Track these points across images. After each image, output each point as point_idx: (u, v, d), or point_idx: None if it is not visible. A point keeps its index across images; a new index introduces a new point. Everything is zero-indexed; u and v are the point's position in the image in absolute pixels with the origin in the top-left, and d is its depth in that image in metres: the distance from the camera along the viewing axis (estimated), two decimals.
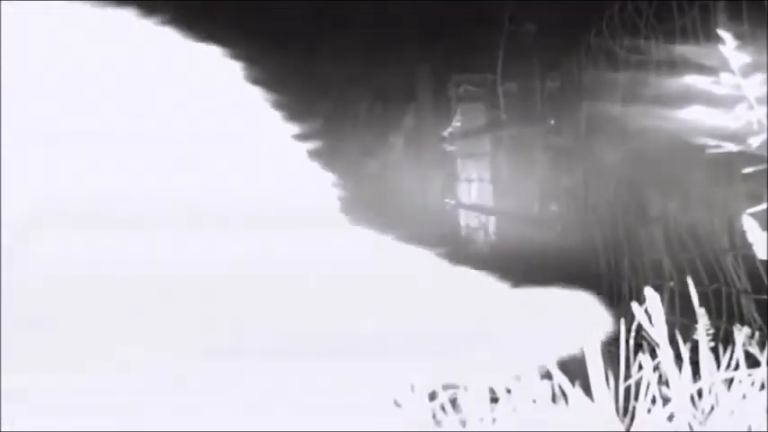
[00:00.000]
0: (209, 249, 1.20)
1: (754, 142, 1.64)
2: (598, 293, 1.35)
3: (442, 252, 1.29)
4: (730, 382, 1.40)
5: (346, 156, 3.27)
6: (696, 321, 1.49)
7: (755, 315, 1.80)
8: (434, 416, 1.37)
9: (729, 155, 1.68)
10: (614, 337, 1.46)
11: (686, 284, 1.54)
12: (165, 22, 1.21)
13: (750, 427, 1.32)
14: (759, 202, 1.55)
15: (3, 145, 1.11)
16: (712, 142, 1.69)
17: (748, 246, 1.41)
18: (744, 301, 1.84)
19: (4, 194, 1.11)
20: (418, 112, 3.58)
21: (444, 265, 1.29)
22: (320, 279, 1.25)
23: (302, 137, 1.25)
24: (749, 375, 1.39)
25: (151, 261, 1.17)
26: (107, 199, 1.13)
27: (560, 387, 1.37)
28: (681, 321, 1.78)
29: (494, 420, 1.38)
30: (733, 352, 1.44)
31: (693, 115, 1.82)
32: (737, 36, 1.61)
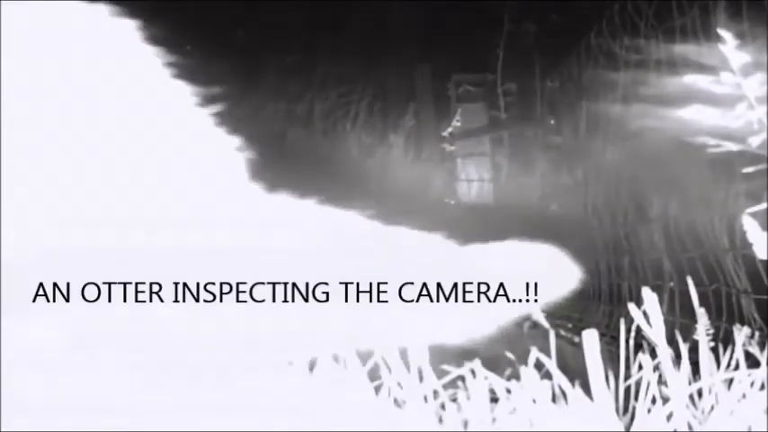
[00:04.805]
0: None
1: (755, 142, 1.64)
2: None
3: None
4: (730, 382, 1.40)
5: (346, 156, 3.27)
6: (696, 321, 1.49)
7: (755, 315, 1.80)
8: (436, 414, 1.37)
9: (729, 154, 1.68)
10: (614, 336, 1.45)
11: (686, 284, 1.54)
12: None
13: (750, 428, 1.32)
14: (759, 202, 1.55)
15: (3, 145, 1.11)
16: (712, 142, 1.69)
17: (748, 246, 1.41)
18: (744, 301, 1.83)
19: (5, 193, 1.11)
20: (418, 111, 3.58)
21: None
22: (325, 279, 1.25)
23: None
24: (749, 375, 1.38)
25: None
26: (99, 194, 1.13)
27: (560, 387, 1.37)
28: (681, 321, 1.78)
29: (494, 420, 1.38)
30: (733, 352, 1.44)
31: (693, 115, 1.82)
32: (738, 35, 1.61)
